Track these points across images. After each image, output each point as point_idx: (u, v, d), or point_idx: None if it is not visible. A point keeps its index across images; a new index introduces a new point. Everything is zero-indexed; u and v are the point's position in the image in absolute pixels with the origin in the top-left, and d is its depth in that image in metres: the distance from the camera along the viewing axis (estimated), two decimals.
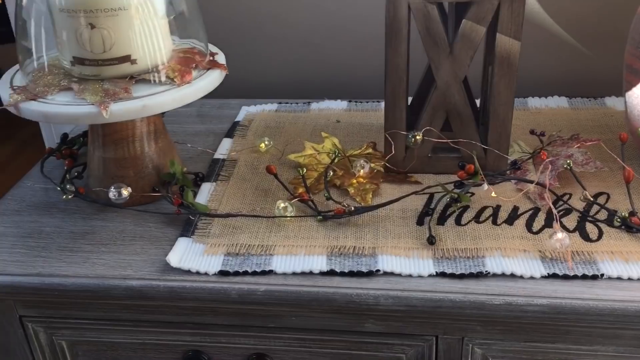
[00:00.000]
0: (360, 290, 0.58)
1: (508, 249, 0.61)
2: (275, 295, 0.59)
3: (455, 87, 0.70)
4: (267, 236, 0.65)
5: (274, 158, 0.80)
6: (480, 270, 0.59)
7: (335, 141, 0.81)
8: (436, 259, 0.61)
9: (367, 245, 0.63)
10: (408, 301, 0.58)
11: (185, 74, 0.66)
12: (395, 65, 0.70)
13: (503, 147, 0.72)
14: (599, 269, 0.58)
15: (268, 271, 0.61)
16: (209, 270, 0.61)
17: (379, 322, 0.61)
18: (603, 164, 0.70)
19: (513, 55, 0.67)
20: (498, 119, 0.71)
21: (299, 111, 0.93)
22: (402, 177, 0.75)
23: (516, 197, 0.68)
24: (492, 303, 0.56)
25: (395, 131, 0.71)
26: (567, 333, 0.58)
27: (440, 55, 0.69)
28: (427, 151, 0.74)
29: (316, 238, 0.65)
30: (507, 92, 0.69)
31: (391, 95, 0.71)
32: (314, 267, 0.60)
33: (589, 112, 0.87)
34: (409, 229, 0.65)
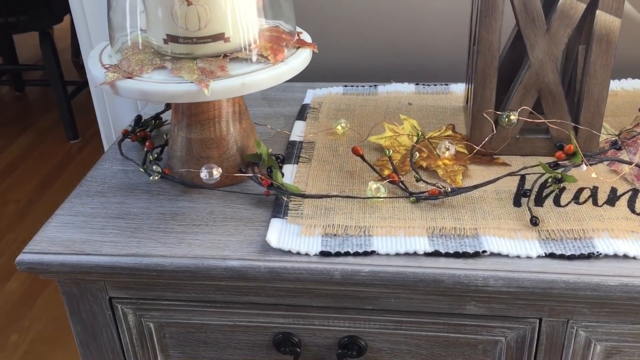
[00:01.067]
0: (468, 272, 0.57)
1: (616, 230, 0.60)
2: (380, 276, 0.58)
3: (549, 66, 0.68)
4: (362, 217, 0.64)
5: (351, 140, 0.79)
6: (592, 252, 0.57)
7: (414, 123, 0.80)
8: (542, 239, 0.60)
9: (467, 226, 0.62)
10: (519, 282, 0.56)
11: (278, 52, 0.65)
12: (488, 42, 0.68)
13: (596, 127, 0.70)
14: None
15: (370, 252, 0.60)
16: (309, 251, 0.60)
17: (481, 304, 0.60)
18: None
19: (613, 33, 0.66)
20: (592, 98, 0.69)
21: (367, 94, 0.92)
22: (488, 158, 0.73)
23: (613, 180, 0.66)
24: (607, 284, 0.55)
25: (491, 111, 0.70)
26: None
27: (537, 33, 0.67)
28: (516, 132, 0.72)
29: (413, 219, 0.64)
30: (603, 71, 0.68)
31: (482, 74, 0.70)
32: (417, 248, 0.59)
33: None
34: (506, 210, 0.64)
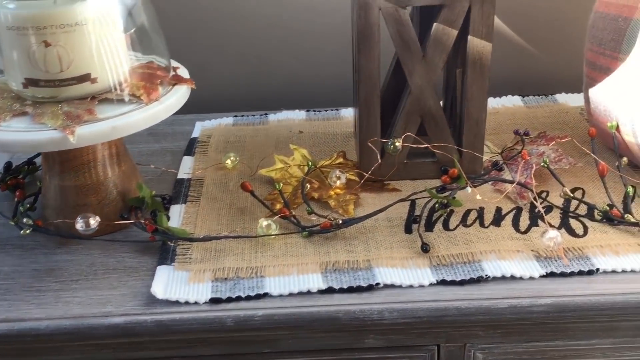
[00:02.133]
0: (363, 306, 0.56)
1: (502, 250, 0.61)
2: (274, 319, 0.56)
3: (429, 92, 0.69)
4: (254, 257, 0.62)
5: (242, 174, 0.77)
6: (480, 275, 0.58)
7: (305, 152, 0.79)
8: (433, 266, 0.60)
9: (360, 258, 0.61)
10: (413, 312, 0.56)
11: (151, 90, 0.62)
12: (368, 71, 0.68)
13: (478, 149, 0.72)
14: (593, 264, 0.59)
15: (263, 294, 0.57)
16: (198, 299, 0.57)
17: (380, 336, 0.59)
18: (576, 160, 0.72)
19: (485, 57, 0.68)
20: (472, 120, 0.71)
21: (258, 123, 0.90)
22: (378, 185, 0.73)
23: (498, 199, 0.68)
24: (497, 307, 0.56)
25: (377, 139, 0.70)
26: (566, 330, 0.59)
27: (414, 60, 0.68)
28: (403, 157, 0.73)
29: (306, 255, 0.62)
30: (480, 94, 0.69)
31: (365, 103, 0.70)
32: (311, 286, 0.58)
33: (544, 110, 0.89)
34: (399, 237, 0.64)
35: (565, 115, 0.87)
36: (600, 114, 0.72)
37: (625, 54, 0.66)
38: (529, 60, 1.00)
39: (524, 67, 1.00)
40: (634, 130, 0.67)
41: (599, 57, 0.70)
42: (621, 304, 0.55)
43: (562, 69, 0.98)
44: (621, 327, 0.58)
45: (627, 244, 0.61)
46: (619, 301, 0.55)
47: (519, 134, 0.70)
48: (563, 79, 0.97)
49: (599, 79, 0.70)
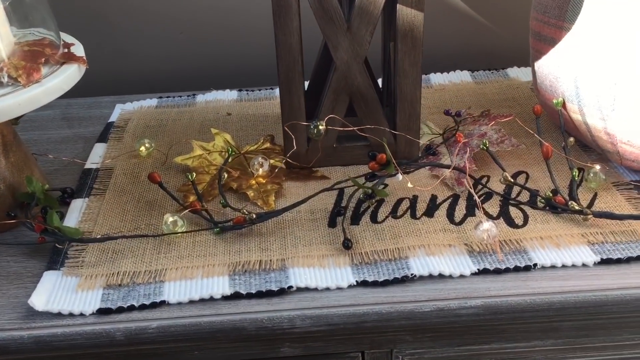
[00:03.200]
0: (272, 314, 0.50)
1: (432, 245, 0.55)
2: (170, 330, 0.49)
3: (356, 68, 0.62)
4: (155, 259, 0.55)
5: (157, 163, 0.69)
6: (405, 275, 0.52)
7: (227, 137, 0.71)
8: (355, 265, 0.53)
9: (274, 257, 0.55)
10: (328, 319, 0.50)
11: (32, 71, 0.54)
12: (287, 45, 0.61)
13: (414, 131, 0.65)
14: (530, 259, 0.53)
15: (159, 302, 0.51)
16: (84, 310, 0.50)
17: (296, 344, 0.53)
18: (519, 141, 0.66)
19: (417, 29, 0.61)
20: (406, 100, 0.64)
21: (184, 105, 0.83)
22: (306, 172, 0.66)
23: (434, 186, 0.62)
24: (421, 311, 0.50)
25: (295, 122, 0.63)
26: (502, 332, 0.53)
27: (338, 32, 0.61)
28: (332, 141, 0.66)
29: (215, 255, 0.55)
30: (413, 70, 0.63)
31: (285, 80, 0.63)
32: (214, 292, 0.51)
33: (494, 86, 0.83)
34: (320, 232, 0.57)
35: (515, 91, 0.81)
36: (546, 90, 0.65)
37: (570, 23, 0.59)
38: (480, 33, 0.93)
39: (475, 41, 0.93)
40: (581, 107, 0.61)
41: (543, 26, 0.63)
42: (559, 304, 0.49)
43: (514, 41, 0.91)
44: (562, 328, 0.53)
45: (569, 234, 0.55)
46: (556, 301, 0.49)
47: (449, 115, 0.64)
48: (515, 51, 0.90)
49: (545, 51, 0.63)
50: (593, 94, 0.58)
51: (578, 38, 0.59)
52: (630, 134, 0.58)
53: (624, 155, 0.60)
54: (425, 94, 0.82)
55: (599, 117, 0.59)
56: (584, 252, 0.53)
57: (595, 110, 0.59)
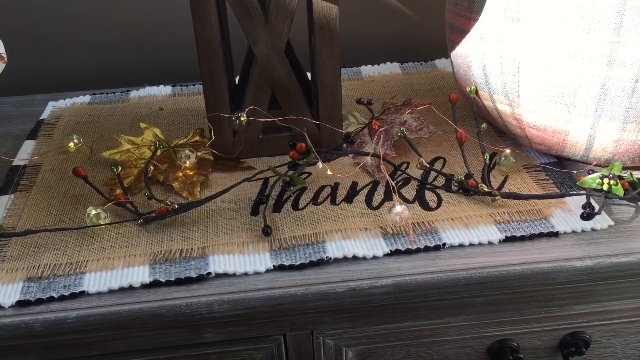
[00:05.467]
0: (190, 299, 0.51)
1: (348, 229, 0.57)
2: (89, 320, 0.50)
3: (277, 60, 0.64)
4: (77, 251, 0.56)
5: (85, 158, 0.70)
6: (321, 257, 0.54)
7: (156, 131, 0.72)
8: (274, 251, 0.55)
9: (196, 245, 0.56)
10: (246, 303, 0.51)
11: None
12: (207, 39, 0.62)
13: (336, 121, 0.67)
14: (440, 239, 0.55)
15: (79, 293, 0.51)
16: (3, 302, 0.50)
17: (218, 329, 0.54)
18: (436, 128, 0.68)
19: (332, 21, 0.63)
20: (326, 90, 0.66)
21: (116, 102, 0.83)
22: (233, 164, 0.68)
23: (353, 172, 0.64)
24: (335, 291, 0.52)
25: (216, 114, 0.64)
26: (416, 309, 0.55)
27: (256, 26, 0.62)
28: (257, 133, 0.67)
29: (137, 245, 0.56)
30: (331, 61, 0.64)
31: (208, 74, 0.64)
32: (133, 281, 0.52)
33: (421, 76, 0.86)
34: (242, 221, 0.59)
35: (440, 81, 0.84)
36: (461, 79, 0.68)
37: (477, 14, 0.62)
38: (410, 26, 0.95)
39: (405, 34, 0.96)
40: (491, 94, 0.63)
41: (455, 18, 0.66)
42: (464, 280, 0.52)
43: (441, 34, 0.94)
44: (473, 304, 0.55)
45: (478, 215, 0.58)
46: (462, 277, 0.52)
47: (362, 103, 0.66)
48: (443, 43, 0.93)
49: (458, 41, 0.66)
50: (500, 81, 0.61)
51: (484, 28, 0.61)
52: (535, 118, 0.61)
53: (532, 139, 0.63)
54: (355, 85, 0.85)
55: (506, 103, 0.62)
56: (490, 231, 0.56)
57: (503, 97, 0.62)
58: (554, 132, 0.60)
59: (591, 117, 0.57)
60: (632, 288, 0.56)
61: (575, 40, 0.55)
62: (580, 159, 0.62)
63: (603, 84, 0.55)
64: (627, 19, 0.53)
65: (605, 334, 0.60)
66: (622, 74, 0.54)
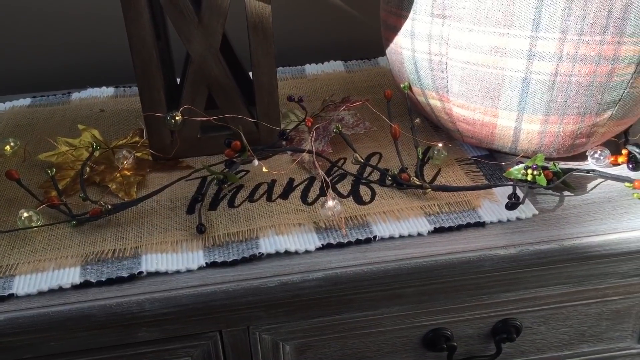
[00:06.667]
0: (120, 299, 0.51)
1: (282, 225, 0.57)
2: (18, 322, 0.50)
3: (212, 59, 0.64)
4: (8, 254, 0.55)
5: (21, 161, 0.69)
6: (254, 253, 0.54)
7: (95, 133, 0.72)
8: (207, 248, 0.55)
9: (129, 245, 0.56)
10: (177, 301, 0.52)
11: None
12: (140, 40, 0.62)
13: (273, 119, 0.68)
14: (372, 232, 0.56)
15: (7, 295, 0.51)
16: None
17: (153, 328, 0.54)
18: (373, 124, 0.70)
19: (265, 20, 0.63)
20: (263, 89, 0.66)
21: (57, 104, 0.82)
22: (172, 163, 0.68)
23: (290, 169, 0.65)
24: (266, 286, 0.52)
25: (151, 114, 0.64)
26: (350, 302, 0.56)
27: (189, 26, 0.62)
28: (195, 132, 0.68)
29: (69, 247, 0.56)
30: (266, 60, 0.65)
31: (142, 75, 0.64)
32: (64, 282, 0.52)
33: (363, 74, 0.87)
34: (178, 219, 0.59)
35: (382, 78, 0.85)
36: (396, 75, 0.69)
37: (407, 11, 0.63)
38: (354, 25, 0.97)
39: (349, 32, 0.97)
40: (422, 89, 0.65)
41: (388, 15, 0.67)
42: (393, 271, 0.53)
43: None
44: (405, 294, 0.57)
45: (410, 207, 0.59)
46: (391, 268, 0.53)
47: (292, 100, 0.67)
48: None
49: (391, 39, 0.67)
50: (430, 77, 0.63)
51: (413, 25, 0.63)
52: (465, 112, 0.62)
53: (463, 133, 0.65)
54: (298, 84, 0.85)
55: (437, 98, 0.64)
56: (420, 223, 0.57)
57: (434, 92, 0.64)
58: (483, 125, 0.62)
59: (515, 110, 0.59)
60: (557, 274, 0.58)
61: (497, 35, 0.57)
62: (509, 151, 0.64)
63: (524, 78, 0.57)
64: (545, 15, 0.55)
65: (535, 320, 0.62)
66: (542, 67, 0.56)
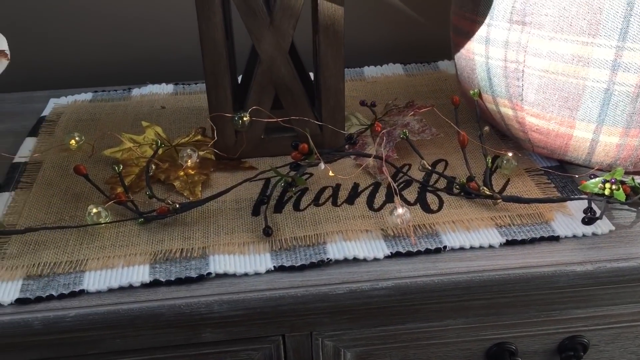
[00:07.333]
0: (190, 299, 0.51)
1: (349, 231, 0.57)
2: (89, 318, 0.50)
3: (280, 60, 0.64)
4: (77, 249, 0.56)
5: (86, 156, 0.70)
6: (322, 259, 0.54)
7: (158, 130, 0.72)
8: (274, 251, 0.55)
9: (196, 245, 0.56)
10: (245, 304, 0.51)
11: None
12: (211, 39, 0.62)
13: (338, 122, 0.67)
14: (441, 242, 0.55)
15: (78, 291, 0.51)
16: (3, 300, 0.50)
17: (217, 329, 0.54)
18: (439, 130, 0.68)
19: (337, 22, 0.62)
20: (330, 91, 0.66)
21: (118, 99, 0.83)
22: (235, 163, 0.68)
23: (355, 174, 0.64)
24: (335, 293, 0.52)
25: (219, 114, 0.64)
26: (416, 312, 0.55)
27: (261, 26, 0.62)
28: (260, 133, 0.67)
29: (137, 244, 0.56)
30: (335, 62, 0.64)
31: (211, 74, 0.64)
32: (133, 280, 0.52)
33: (424, 78, 0.85)
34: (243, 221, 0.59)
35: (443, 83, 0.84)
36: (465, 81, 0.68)
37: (482, 16, 0.62)
38: (414, 27, 0.95)
39: (409, 34, 0.95)
40: (494, 97, 0.63)
41: (460, 20, 0.66)
42: (465, 283, 0.52)
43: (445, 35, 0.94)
44: (472, 307, 0.55)
45: (479, 218, 0.58)
46: (462, 280, 0.52)
47: (365, 105, 0.66)
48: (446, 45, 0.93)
49: (462, 44, 0.66)
50: (503, 85, 0.61)
51: (489, 31, 0.61)
52: (538, 122, 0.61)
53: (534, 143, 0.63)
54: (357, 86, 0.84)
55: (510, 106, 0.62)
56: (491, 234, 0.55)
57: (506, 100, 0.62)
58: (557, 136, 0.60)
59: (594, 121, 0.57)
60: (632, 293, 0.56)
61: (580, 44, 0.55)
62: (583, 163, 0.62)
63: (607, 89, 0.55)
64: (633, 25, 0.53)
65: (603, 338, 0.60)
66: (626, 79, 0.54)
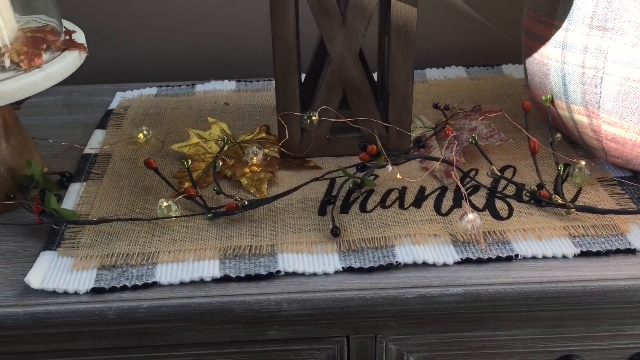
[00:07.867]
0: (259, 296, 0.51)
1: (418, 234, 0.56)
2: (161, 310, 0.51)
3: (350, 61, 0.64)
4: (149, 242, 0.57)
5: (154, 150, 0.71)
6: (390, 262, 0.53)
7: (224, 126, 0.73)
8: (342, 252, 0.55)
9: (264, 243, 0.56)
10: (314, 303, 0.51)
11: (33, 57, 0.56)
12: (283, 38, 0.62)
13: (405, 124, 0.67)
14: (512, 250, 0.54)
15: (151, 283, 0.52)
16: (79, 289, 0.52)
17: (284, 327, 0.54)
18: (507, 136, 0.67)
19: (410, 24, 0.62)
20: (398, 93, 0.65)
21: (182, 95, 0.84)
22: (299, 162, 0.68)
23: (422, 177, 0.63)
24: (404, 297, 0.51)
25: (288, 112, 0.64)
26: (483, 320, 0.54)
27: (333, 26, 0.62)
28: (325, 132, 0.67)
29: (207, 239, 0.57)
30: (405, 64, 0.64)
31: (281, 73, 0.64)
32: (204, 274, 0.53)
33: (488, 82, 0.84)
34: (310, 220, 0.59)
35: (507, 88, 0.82)
36: (536, 87, 0.66)
37: (560, 21, 0.60)
38: (477, 30, 0.94)
39: (471, 37, 0.94)
40: (568, 104, 0.62)
41: (535, 24, 0.64)
42: (537, 293, 0.51)
43: (509, 39, 0.93)
44: (542, 317, 0.54)
45: (551, 227, 0.56)
46: (535, 290, 0.51)
47: (438, 108, 0.65)
48: (510, 49, 0.91)
49: (535, 49, 0.65)
50: (579, 92, 0.60)
51: (567, 35, 0.60)
52: (615, 131, 0.59)
53: (608, 152, 0.61)
54: (420, 88, 0.84)
55: (585, 114, 0.61)
56: (564, 244, 0.54)
57: (581, 108, 0.61)
58: (634, 146, 0.58)
59: None
60: None
61: None
62: None
63: None
64: None
65: None
66: None
